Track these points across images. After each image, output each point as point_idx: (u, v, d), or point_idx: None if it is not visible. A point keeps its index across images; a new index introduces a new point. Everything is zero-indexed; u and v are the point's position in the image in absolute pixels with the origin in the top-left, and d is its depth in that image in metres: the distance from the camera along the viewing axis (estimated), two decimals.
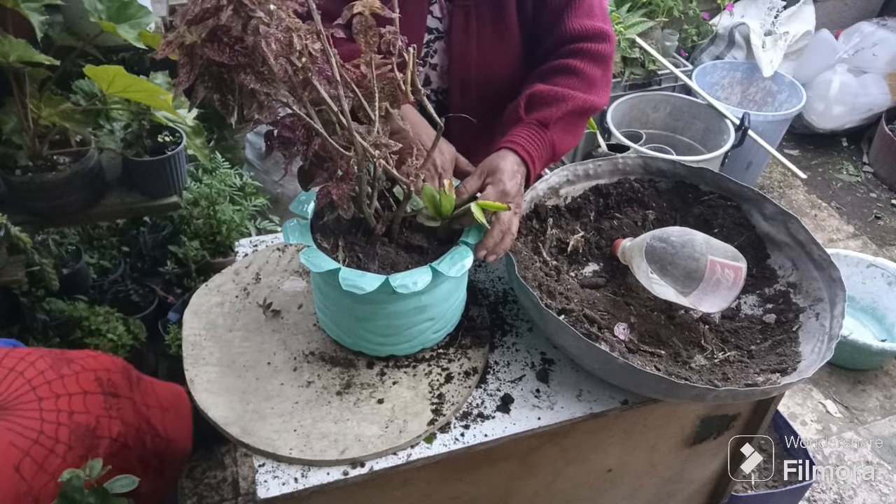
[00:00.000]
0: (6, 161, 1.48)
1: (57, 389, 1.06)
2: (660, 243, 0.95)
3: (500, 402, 0.89)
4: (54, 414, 1.03)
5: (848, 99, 3.19)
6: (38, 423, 1.01)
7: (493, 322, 1.02)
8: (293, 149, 0.76)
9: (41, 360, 1.10)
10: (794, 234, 1.04)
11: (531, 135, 1.00)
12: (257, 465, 0.81)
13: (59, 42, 1.52)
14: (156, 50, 0.66)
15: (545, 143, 1.01)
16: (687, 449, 1.08)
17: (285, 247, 1.12)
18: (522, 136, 0.99)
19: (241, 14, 0.65)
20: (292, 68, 0.69)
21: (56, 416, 1.03)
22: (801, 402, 2.20)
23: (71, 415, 1.04)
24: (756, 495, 1.52)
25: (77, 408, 1.06)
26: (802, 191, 3.17)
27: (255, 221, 1.99)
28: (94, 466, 0.95)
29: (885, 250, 2.83)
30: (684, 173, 1.15)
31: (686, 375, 0.86)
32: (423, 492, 0.89)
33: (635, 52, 2.87)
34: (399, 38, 0.76)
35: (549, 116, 1.01)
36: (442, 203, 0.86)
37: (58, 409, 1.04)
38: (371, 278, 0.78)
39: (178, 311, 1.87)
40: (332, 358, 0.93)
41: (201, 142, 1.66)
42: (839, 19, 3.57)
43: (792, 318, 0.98)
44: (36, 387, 1.05)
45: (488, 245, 0.87)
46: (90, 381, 1.11)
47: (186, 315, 0.99)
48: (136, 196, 1.63)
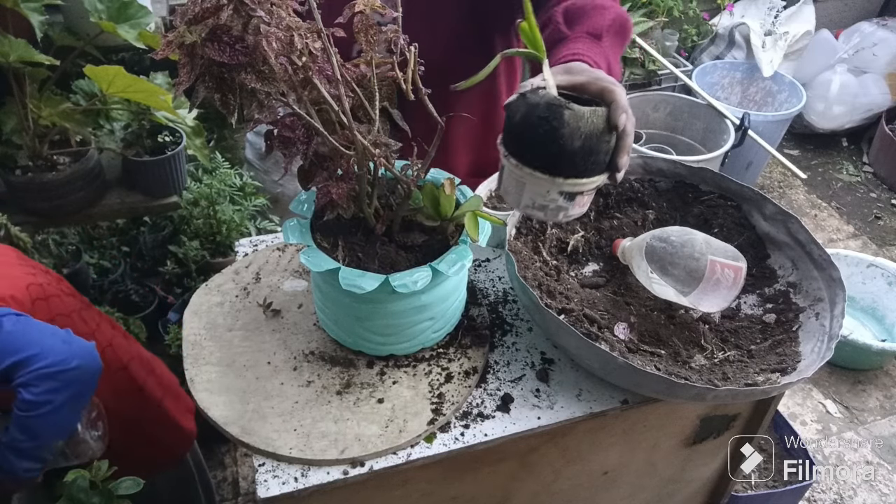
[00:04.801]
0: (6, 161, 1.48)
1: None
2: (660, 243, 0.95)
3: (500, 402, 0.89)
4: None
5: (848, 99, 3.20)
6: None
7: (493, 322, 1.02)
8: (293, 148, 0.76)
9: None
10: (794, 234, 1.04)
11: (588, 47, 0.85)
12: (257, 464, 0.81)
13: (59, 42, 1.52)
14: (156, 50, 0.66)
15: (603, 59, 0.86)
16: (687, 449, 1.08)
17: (285, 246, 1.12)
18: (580, 48, 0.84)
19: (241, 13, 0.65)
20: (293, 67, 0.69)
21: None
22: (801, 402, 2.21)
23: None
24: (756, 495, 1.52)
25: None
26: (802, 191, 3.17)
27: (255, 221, 1.99)
28: (100, 467, 0.95)
29: (885, 250, 2.83)
30: (684, 173, 1.15)
31: (686, 375, 0.86)
32: (423, 491, 0.89)
33: (635, 52, 2.87)
34: (401, 36, 0.76)
35: (598, 26, 0.88)
36: (442, 203, 0.86)
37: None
38: (371, 278, 0.78)
39: (178, 311, 1.88)
40: (332, 357, 0.93)
41: (201, 142, 1.66)
42: (839, 19, 3.57)
43: (792, 317, 0.98)
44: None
45: (621, 121, 0.72)
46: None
47: (186, 315, 0.99)
48: (136, 196, 1.64)
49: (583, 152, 0.72)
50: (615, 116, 0.72)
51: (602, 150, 0.74)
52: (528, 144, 0.74)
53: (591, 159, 0.73)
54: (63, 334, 0.95)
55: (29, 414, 0.88)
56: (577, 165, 0.73)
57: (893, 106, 3.22)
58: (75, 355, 0.92)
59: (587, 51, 0.86)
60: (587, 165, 0.74)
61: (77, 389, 0.93)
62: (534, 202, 0.77)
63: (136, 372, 1.26)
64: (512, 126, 0.75)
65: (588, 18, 0.91)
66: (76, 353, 0.93)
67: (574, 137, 0.71)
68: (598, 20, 0.90)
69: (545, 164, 0.73)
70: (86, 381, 0.94)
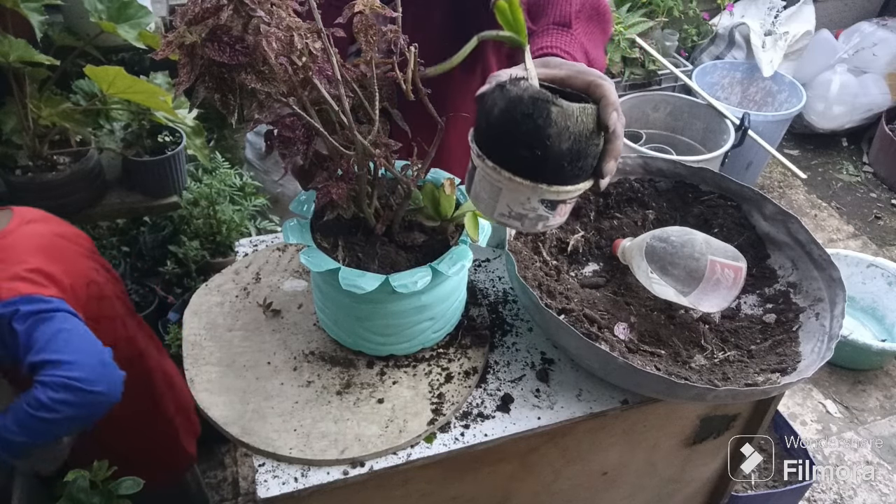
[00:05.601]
0: (6, 161, 1.48)
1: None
2: (660, 243, 0.95)
3: (500, 402, 0.89)
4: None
5: (848, 99, 3.20)
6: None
7: (493, 322, 1.02)
8: (293, 148, 0.76)
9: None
10: (794, 234, 1.04)
11: (557, 39, 0.79)
12: (257, 464, 0.81)
13: (59, 42, 1.52)
14: (156, 50, 0.66)
15: (579, 49, 0.79)
16: (687, 449, 1.08)
17: (285, 247, 1.12)
18: (548, 42, 0.78)
19: (241, 13, 0.65)
20: (293, 67, 0.69)
21: None
22: (801, 402, 2.21)
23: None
24: (756, 495, 1.52)
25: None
26: (802, 191, 3.17)
27: (255, 221, 1.99)
28: (101, 467, 0.95)
29: (885, 250, 2.83)
30: (684, 173, 1.15)
31: (686, 375, 0.86)
32: (422, 491, 0.89)
33: (635, 52, 2.87)
34: (401, 36, 0.76)
35: (565, 13, 0.81)
36: (442, 203, 0.86)
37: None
38: (371, 278, 0.78)
39: (178, 311, 1.88)
40: (332, 357, 0.93)
41: (201, 142, 1.67)
42: (839, 19, 3.57)
43: (792, 317, 0.98)
44: None
45: (612, 120, 0.66)
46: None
47: (186, 315, 0.99)
48: (136, 196, 1.64)
49: (570, 156, 0.64)
50: (605, 115, 0.65)
51: (591, 153, 0.66)
52: (507, 145, 0.64)
53: (578, 164, 0.65)
54: (103, 355, 0.95)
55: (34, 413, 0.88)
56: (563, 171, 0.65)
57: (893, 106, 3.22)
58: (104, 381, 0.93)
59: (557, 42, 0.78)
60: (574, 171, 0.65)
61: (88, 412, 0.93)
62: (510, 211, 0.68)
63: (157, 385, 1.26)
64: (489, 122, 0.65)
65: (552, 7, 0.83)
66: (105, 380, 0.93)
67: (562, 139, 0.62)
68: (564, 6, 0.82)
69: (527, 168, 0.64)
70: (99, 407, 0.94)
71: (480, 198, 0.70)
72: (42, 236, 1.07)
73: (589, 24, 0.85)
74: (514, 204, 0.68)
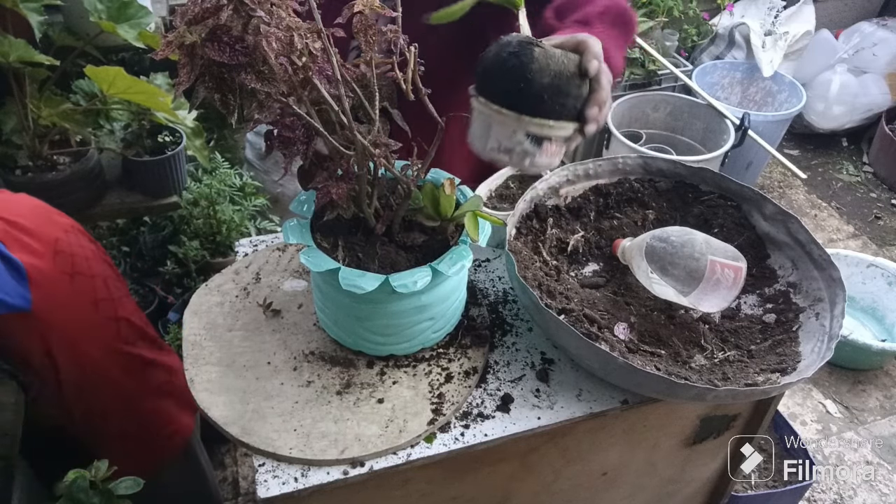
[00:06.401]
0: (6, 161, 1.48)
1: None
2: (660, 243, 0.95)
3: (500, 402, 0.89)
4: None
5: (848, 99, 3.20)
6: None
7: (493, 322, 1.02)
8: (293, 148, 0.76)
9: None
10: (794, 234, 1.04)
11: (576, 31, 0.84)
12: (257, 464, 0.81)
13: (59, 42, 1.52)
14: (156, 50, 0.66)
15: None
16: (687, 449, 1.08)
17: (285, 247, 1.12)
18: (566, 34, 0.83)
19: (241, 13, 0.65)
20: (293, 67, 0.69)
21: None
22: (801, 402, 2.21)
23: None
24: (756, 495, 1.52)
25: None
26: (802, 191, 3.17)
27: (255, 221, 1.99)
28: (100, 467, 0.95)
29: (885, 250, 2.83)
30: (684, 173, 1.15)
31: (686, 375, 0.86)
32: (422, 491, 0.89)
33: (635, 52, 2.87)
34: (400, 36, 0.76)
35: (587, 14, 0.89)
36: (442, 203, 0.86)
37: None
38: (371, 278, 0.78)
39: (178, 311, 1.88)
40: (332, 357, 0.93)
41: (201, 142, 1.67)
42: (839, 19, 3.58)
43: (792, 317, 0.98)
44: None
45: (592, 67, 0.73)
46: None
47: (186, 315, 0.99)
48: (136, 196, 1.64)
49: (551, 90, 0.72)
50: (586, 61, 0.73)
51: (572, 93, 0.73)
52: (495, 79, 0.74)
53: (558, 100, 0.73)
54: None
55: None
56: (544, 103, 0.73)
57: (893, 106, 3.22)
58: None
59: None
60: (554, 106, 0.73)
61: None
62: (500, 144, 0.77)
63: (145, 348, 1.27)
64: (483, 66, 0.75)
65: (578, 9, 0.91)
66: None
67: (543, 74, 0.71)
68: (588, 9, 0.90)
69: (513, 101, 0.73)
70: None
71: (476, 135, 0.79)
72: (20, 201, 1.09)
73: (612, 29, 0.91)
74: (503, 137, 0.76)
